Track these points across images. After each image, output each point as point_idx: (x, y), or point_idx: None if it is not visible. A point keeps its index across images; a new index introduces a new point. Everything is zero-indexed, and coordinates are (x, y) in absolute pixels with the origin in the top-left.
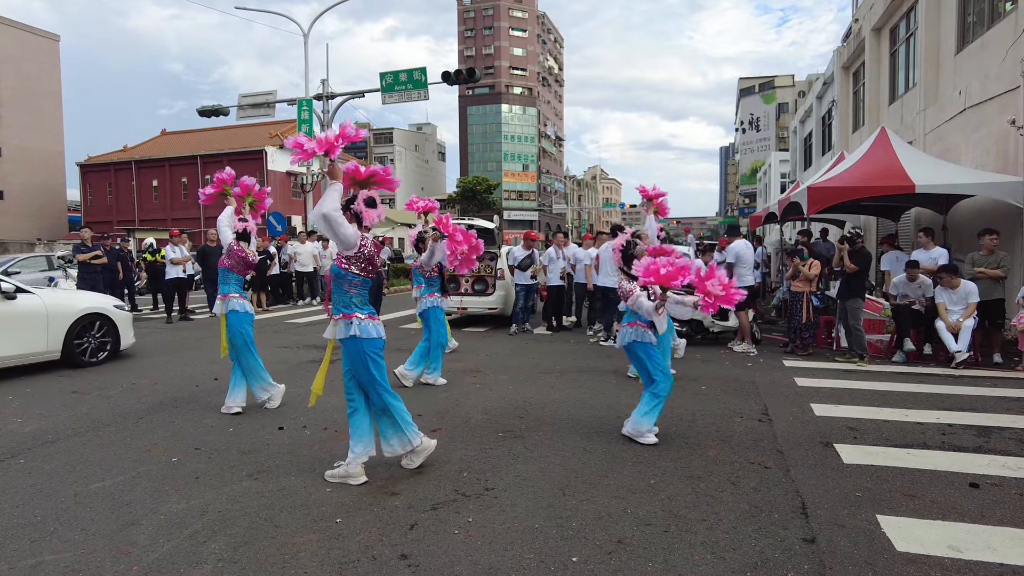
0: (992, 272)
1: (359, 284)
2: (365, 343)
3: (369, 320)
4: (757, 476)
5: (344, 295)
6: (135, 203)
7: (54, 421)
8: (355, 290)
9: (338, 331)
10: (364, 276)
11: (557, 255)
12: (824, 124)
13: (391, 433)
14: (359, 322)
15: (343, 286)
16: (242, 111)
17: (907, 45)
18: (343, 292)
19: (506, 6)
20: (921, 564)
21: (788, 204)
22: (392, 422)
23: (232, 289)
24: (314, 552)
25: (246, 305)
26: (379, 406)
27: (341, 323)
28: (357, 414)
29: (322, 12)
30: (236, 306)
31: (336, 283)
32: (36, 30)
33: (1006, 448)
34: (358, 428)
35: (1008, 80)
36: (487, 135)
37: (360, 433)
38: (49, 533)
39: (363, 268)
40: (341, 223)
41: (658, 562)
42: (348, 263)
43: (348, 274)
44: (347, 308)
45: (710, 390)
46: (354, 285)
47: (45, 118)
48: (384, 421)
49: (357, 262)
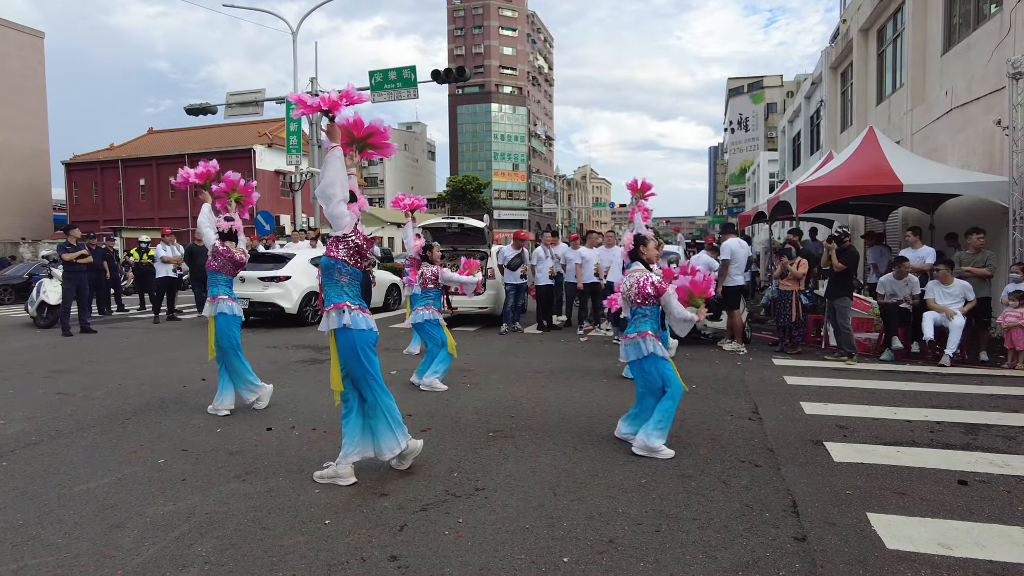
0: (979, 271)
1: (349, 274)
2: (356, 335)
3: (360, 312)
4: (748, 475)
5: (335, 285)
6: (122, 202)
7: (37, 423)
8: (345, 279)
9: (331, 322)
10: (354, 267)
11: (546, 254)
12: (812, 124)
13: (382, 433)
14: (350, 312)
15: (333, 275)
16: (230, 110)
17: (894, 46)
18: (334, 283)
19: (496, 5)
20: (911, 561)
21: (777, 203)
22: (384, 421)
23: (221, 291)
24: (303, 554)
25: (235, 307)
26: (371, 403)
27: (333, 313)
28: (351, 415)
29: (311, 10)
30: (224, 308)
31: (326, 275)
32: (20, 27)
33: (993, 445)
34: (351, 430)
35: (993, 81)
36: (477, 134)
37: (352, 435)
38: (32, 537)
39: (352, 257)
40: (337, 199)
41: (650, 562)
42: (337, 250)
43: (338, 263)
44: (338, 298)
45: (700, 389)
46: (344, 274)
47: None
48: (376, 420)
49: (347, 249)
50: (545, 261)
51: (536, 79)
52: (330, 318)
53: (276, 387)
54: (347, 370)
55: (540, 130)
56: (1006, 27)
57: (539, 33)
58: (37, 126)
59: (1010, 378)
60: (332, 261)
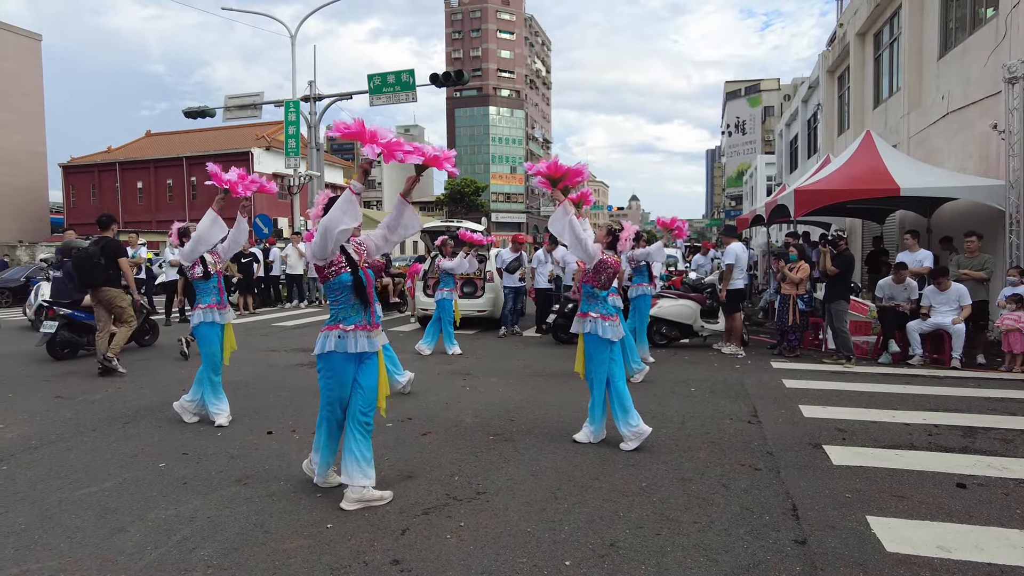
0: (976, 274)
1: (335, 290)
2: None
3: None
4: (748, 478)
5: (331, 305)
6: (119, 205)
7: (37, 426)
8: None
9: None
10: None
11: (545, 258)
12: (810, 127)
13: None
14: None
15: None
16: (228, 112)
17: (891, 50)
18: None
19: (493, 8)
20: (911, 564)
21: (775, 207)
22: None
23: (202, 300)
24: (305, 558)
25: (213, 315)
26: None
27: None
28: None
29: (309, 13)
30: (203, 317)
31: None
32: (17, 29)
33: (991, 448)
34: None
35: (989, 85)
36: (475, 137)
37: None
38: (34, 541)
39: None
40: (323, 239)
41: (651, 565)
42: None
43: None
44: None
45: (699, 392)
46: (331, 291)
47: (27, 118)
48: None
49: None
50: (545, 264)
51: (534, 82)
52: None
53: (276, 390)
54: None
55: (538, 133)
56: (1002, 32)
57: (536, 36)
58: (34, 129)
59: (1007, 381)
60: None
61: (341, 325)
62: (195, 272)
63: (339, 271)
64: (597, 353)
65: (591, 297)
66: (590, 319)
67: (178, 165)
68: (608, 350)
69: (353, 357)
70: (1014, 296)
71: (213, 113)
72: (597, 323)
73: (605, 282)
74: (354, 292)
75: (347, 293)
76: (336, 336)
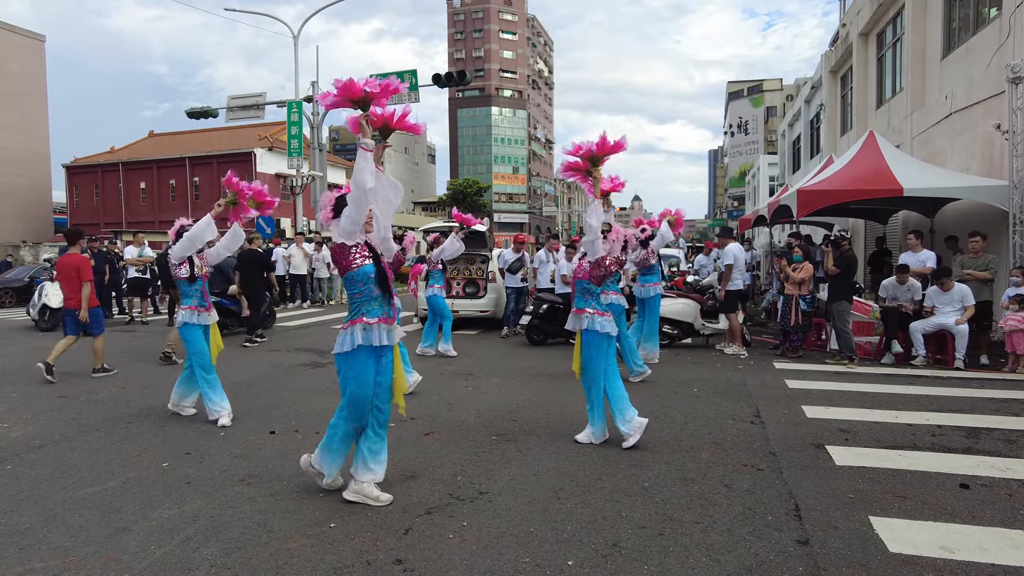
0: (980, 274)
1: (358, 283)
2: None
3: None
4: (750, 478)
5: (350, 298)
6: (122, 205)
7: (41, 426)
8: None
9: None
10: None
11: (548, 258)
12: (812, 128)
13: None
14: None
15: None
16: (231, 113)
17: (894, 50)
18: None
19: (496, 8)
20: (914, 565)
21: (778, 207)
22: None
23: (186, 301)
24: (308, 558)
25: (193, 316)
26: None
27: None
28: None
29: (312, 14)
30: (187, 317)
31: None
32: (21, 30)
33: (995, 449)
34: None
35: (993, 85)
36: (477, 137)
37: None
38: (38, 540)
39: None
40: (356, 204)
41: (654, 565)
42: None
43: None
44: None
45: (702, 392)
46: (353, 284)
47: (30, 119)
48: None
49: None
50: (547, 264)
51: (536, 82)
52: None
53: (278, 390)
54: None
55: (540, 133)
56: (1005, 32)
57: (539, 36)
58: (38, 129)
59: (1011, 382)
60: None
61: (365, 318)
62: (180, 272)
63: (363, 262)
64: (597, 348)
65: (586, 293)
66: (587, 315)
67: (181, 165)
68: (607, 344)
69: (374, 352)
70: (1017, 296)
71: (216, 114)
72: (594, 319)
73: (599, 279)
74: (377, 283)
75: (371, 285)
76: (361, 329)
